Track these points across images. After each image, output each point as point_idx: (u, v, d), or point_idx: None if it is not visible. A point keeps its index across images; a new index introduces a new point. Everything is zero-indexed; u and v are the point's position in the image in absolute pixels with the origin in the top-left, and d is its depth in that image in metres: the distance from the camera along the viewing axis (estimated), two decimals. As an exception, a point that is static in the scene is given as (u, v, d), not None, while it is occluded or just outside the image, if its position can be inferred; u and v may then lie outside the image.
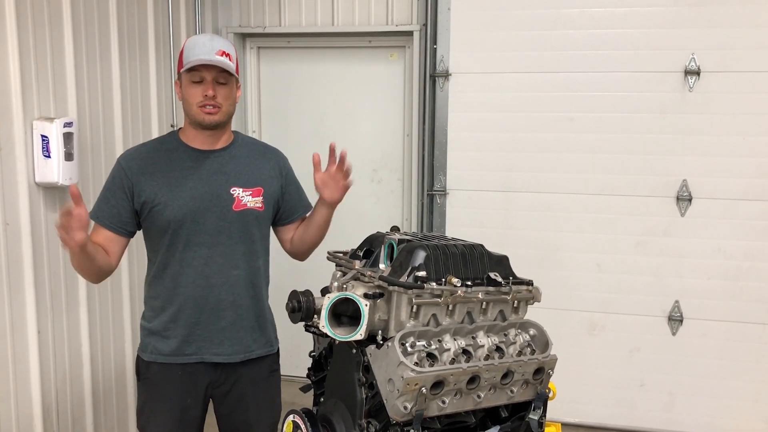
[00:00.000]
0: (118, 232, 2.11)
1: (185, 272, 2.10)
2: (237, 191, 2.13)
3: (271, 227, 2.30)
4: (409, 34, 4.02)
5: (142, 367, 2.22)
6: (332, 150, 2.18)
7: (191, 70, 2.04)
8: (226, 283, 2.13)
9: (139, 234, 2.26)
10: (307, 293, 1.77)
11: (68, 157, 2.73)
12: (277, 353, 2.32)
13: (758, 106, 3.59)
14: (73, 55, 2.87)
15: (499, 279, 1.70)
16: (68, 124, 2.74)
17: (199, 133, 2.13)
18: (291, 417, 1.76)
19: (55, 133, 2.66)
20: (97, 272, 2.08)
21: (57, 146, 2.67)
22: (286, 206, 2.29)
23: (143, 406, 2.23)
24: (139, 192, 2.09)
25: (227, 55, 2.07)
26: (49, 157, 2.67)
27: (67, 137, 2.73)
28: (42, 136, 2.66)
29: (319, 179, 2.18)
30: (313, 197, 2.36)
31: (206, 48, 2.04)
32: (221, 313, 2.14)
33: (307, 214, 2.33)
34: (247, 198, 2.14)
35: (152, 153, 2.15)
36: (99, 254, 2.03)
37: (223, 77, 2.07)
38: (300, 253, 2.36)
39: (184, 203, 2.08)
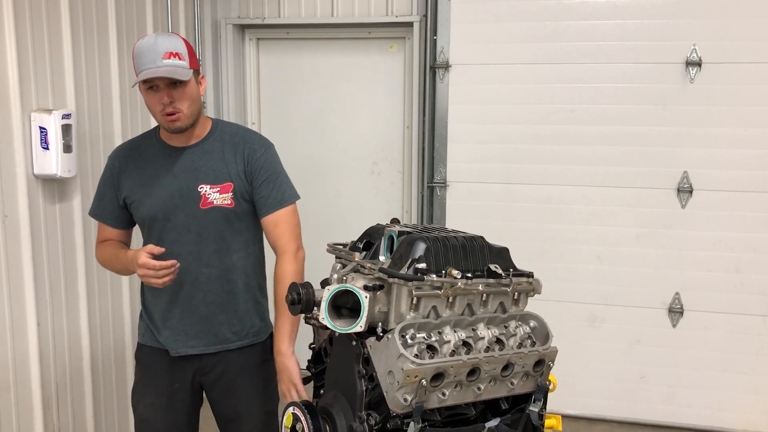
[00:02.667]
0: (117, 226, 2.17)
1: None
2: (204, 188, 2.09)
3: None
4: (409, 25, 4.00)
5: (138, 348, 2.29)
6: None
7: (143, 81, 1.99)
8: (196, 281, 2.12)
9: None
10: (307, 285, 1.76)
11: (67, 149, 2.72)
12: (270, 340, 2.26)
13: (760, 98, 3.57)
14: (71, 46, 2.86)
15: (500, 271, 1.69)
16: (67, 116, 2.73)
17: (171, 134, 2.12)
18: (291, 409, 1.76)
19: (53, 124, 2.65)
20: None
21: (55, 138, 2.66)
22: (256, 199, 2.14)
23: (136, 385, 2.29)
24: (121, 189, 2.13)
25: (176, 54, 1.96)
26: (47, 149, 2.66)
27: (66, 129, 2.71)
28: (40, 127, 2.65)
29: None
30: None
31: (151, 55, 1.95)
32: (193, 308, 2.15)
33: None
34: (215, 195, 2.09)
35: (134, 150, 2.17)
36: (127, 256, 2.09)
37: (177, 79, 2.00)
38: None
39: (156, 200, 2.09)
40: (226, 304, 2.18)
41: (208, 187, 2.09)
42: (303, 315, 1.80)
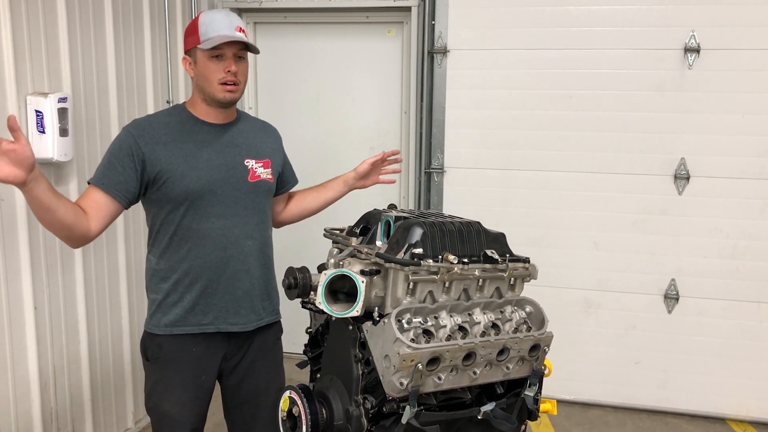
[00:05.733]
0: (119, 199, 2.01)
1: (203, 243, 2.10)
2: (251, 163, 2.18)
3: None
4: (407, 9, 3.98)
5: (152, 345, 2.16)
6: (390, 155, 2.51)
7: (215, 47, 2.02)
8: (241, 254, 2.14)
9: (135, 209, 2.25)
10: (304, 270, 1.77)
11: (63, 132, 2.71)
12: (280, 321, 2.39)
13: (758, 85, 3.57)
14: (66, 28, 2.84)
15: (496, 256, 1.70)
16: (63, 100, 2.71)
17: (212, 109, 2.13)
18: (287, 393, 1.76)
19: (49, 108, 2.64)
20: (66, 230, 1.91)
21: (51, 122, 2.65)
22: (282, 179, 2.36)
23: (154, 386, 2.17)
24: (153, 162, 2.03)
25: (243, 31, 2.08)
26: (43, 132, 2.65)
27: (62, 113, 2.70)
28: (36, 111, 2.64)
29: (371, 164, 2.50)
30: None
31: (225, 23, 2.04)
32: (237, 282, 2.16)
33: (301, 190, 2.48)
34: (260, 169, 2.20)
35: (163, 124, 2.11)
36: (65, 209, 1.86)
37: (242, 53, 2.09)
38: (287, 222, 2.50)
39: (202, 174, 2.08)
40: (262, 279, 2.23)
41: (254, 161, 2.19)
42: (300, 299, 1.81)
